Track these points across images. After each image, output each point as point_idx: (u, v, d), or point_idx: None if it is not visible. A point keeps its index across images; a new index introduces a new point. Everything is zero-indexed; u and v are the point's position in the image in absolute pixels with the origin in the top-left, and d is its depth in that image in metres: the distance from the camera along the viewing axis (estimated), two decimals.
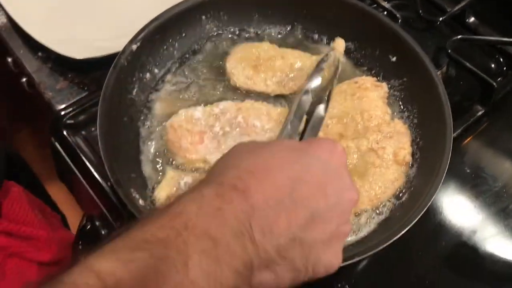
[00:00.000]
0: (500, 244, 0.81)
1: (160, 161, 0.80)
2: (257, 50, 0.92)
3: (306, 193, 0.47)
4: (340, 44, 0.92)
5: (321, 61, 0.86)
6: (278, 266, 0.45)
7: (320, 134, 0.81)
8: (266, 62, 0.90)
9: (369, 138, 0.81)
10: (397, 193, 0.78)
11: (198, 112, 0.81)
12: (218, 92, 0.89)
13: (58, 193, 1.31)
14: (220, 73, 0.92)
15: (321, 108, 0.78)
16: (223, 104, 0.83)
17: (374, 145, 0.80)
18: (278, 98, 0.89)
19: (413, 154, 0.81)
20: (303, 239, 0.46)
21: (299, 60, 0.91)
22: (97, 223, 0.89)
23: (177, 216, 0.42)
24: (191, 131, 0.79)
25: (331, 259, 0.50)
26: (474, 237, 0.81)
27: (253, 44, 0.94)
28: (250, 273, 0.43)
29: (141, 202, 0.73)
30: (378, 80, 0.90)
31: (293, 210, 0.46)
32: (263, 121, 0.81)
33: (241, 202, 0.44)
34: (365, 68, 0.94)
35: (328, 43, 0.96)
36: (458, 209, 0.85)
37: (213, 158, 0.78)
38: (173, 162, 0.80)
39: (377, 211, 0.77)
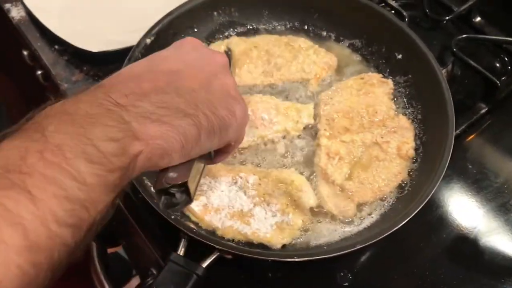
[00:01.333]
0: (499, 239, 0.83)
1: None
2: (229, 46, 0.95)
3: (165, 65, 0.53)
4: None
5: None
6: (165, 117, 0.48)
7: (326, 127, 0.84)
8: (242, 55, 0.94)
9: (373, 132, 0.83)
10: (400, 186, 0.80)
11: None
12: None
13: None
14: None
15: None
16: None
17: (378, 139, 0.82)
18: (278, 90, 0.92)
19: (416, 149, 0.84)
20: (178, 89, 0.50)
21: (272, 45, 0.95)
22: None
23: (39, 113, 0.46)
24: None
25: (227, 104, 0.55)
26: (475, 231, 0.84)
27: (222, 42, 0.97)
28: (126, 126, 0.46)
29: (152, 189, 0.76)
30: (384, 77, 0.92)
31: (155, 74, 0.51)
32: (271, 115, 0.84)
33: (98, 89, 0.48)
34: (372, 65, 0.96)
35: (336, 40, 0.99)
36: (460, 203, 0.87)
37: None
38: None
39: (380, 204, 0.79)
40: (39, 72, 1.10)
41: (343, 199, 0.77)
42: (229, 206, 0.75)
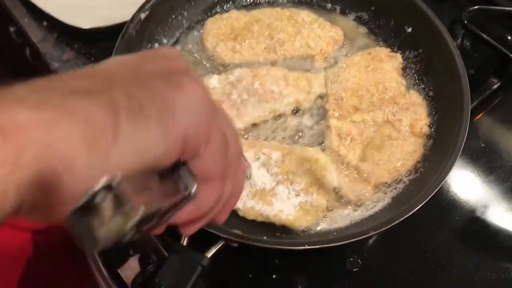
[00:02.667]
0: None
1: None
2: (228, 21, 0.90)
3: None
4: None
5: None
6: (50, 98, 0.31)
7: (335, 107, 0.80)
8: (243, 30, 0.88)
9: (384, 110, 0.79)
10: (415, 165, 0.77)
11: (214, 80, 0.79)
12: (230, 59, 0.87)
13: None
14: None
15: None
16: (238, 71, 0.81)
17: (390, 117, 0.78)
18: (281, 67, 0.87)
19: (429, 126, 0.80)
20: (90, 74, 0.38)
21: (274, 19, 0.89)
22: None
23: None
24: None
25: (168, 78, 0.38)
26: (487, 212, 0.81)
27: (221, 16, 0.91)
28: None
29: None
30: (393, 51, 0.87)
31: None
32: (281, 86, 0.79)
33: None
34: (380, 39, 0.91)
35: (342, 13, 0.94)
36: (471, 184, 0.83)
37: None
38: None
39: (391, 186, 0.76)
40: (27, 50, 1.04)
41: (360, 181, 0.74)
42: (251, 184, 0.71)
